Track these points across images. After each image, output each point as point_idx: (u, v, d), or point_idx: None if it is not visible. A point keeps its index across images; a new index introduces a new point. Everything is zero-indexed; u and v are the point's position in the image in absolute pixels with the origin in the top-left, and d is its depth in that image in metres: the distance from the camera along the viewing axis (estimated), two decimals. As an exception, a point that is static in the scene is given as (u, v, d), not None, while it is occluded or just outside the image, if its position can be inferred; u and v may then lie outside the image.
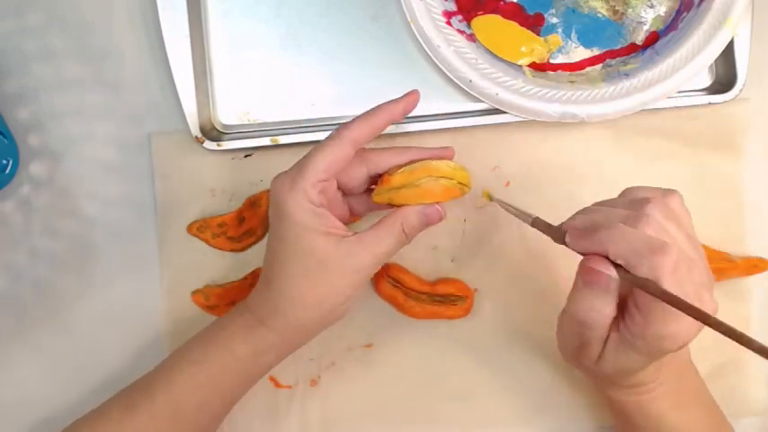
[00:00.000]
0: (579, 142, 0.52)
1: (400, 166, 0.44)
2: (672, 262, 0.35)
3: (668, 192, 0.39)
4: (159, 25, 0.50)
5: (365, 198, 0.47)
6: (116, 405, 0.45)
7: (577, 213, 0.41)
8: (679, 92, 0.50)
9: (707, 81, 0.52)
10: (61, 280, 0.53)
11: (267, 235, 0.44)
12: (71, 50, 0.52)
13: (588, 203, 0.52)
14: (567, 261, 0.52)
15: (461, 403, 0.52)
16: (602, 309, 0.37)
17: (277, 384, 0.53)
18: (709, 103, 0.51)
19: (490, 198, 0.47)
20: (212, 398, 0.44)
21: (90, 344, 0.53)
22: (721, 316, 0.52)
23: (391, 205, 0.44)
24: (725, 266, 0.50)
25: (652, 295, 0.35)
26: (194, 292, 0.52)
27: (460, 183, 0.44)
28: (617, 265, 0.36)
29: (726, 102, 0.50)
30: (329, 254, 0.41)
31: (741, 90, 0.50)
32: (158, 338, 0.53)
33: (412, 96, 0.45)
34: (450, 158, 0.45)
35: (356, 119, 0.43)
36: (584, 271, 0.38)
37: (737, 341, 0.32)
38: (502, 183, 0.52)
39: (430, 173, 0.43)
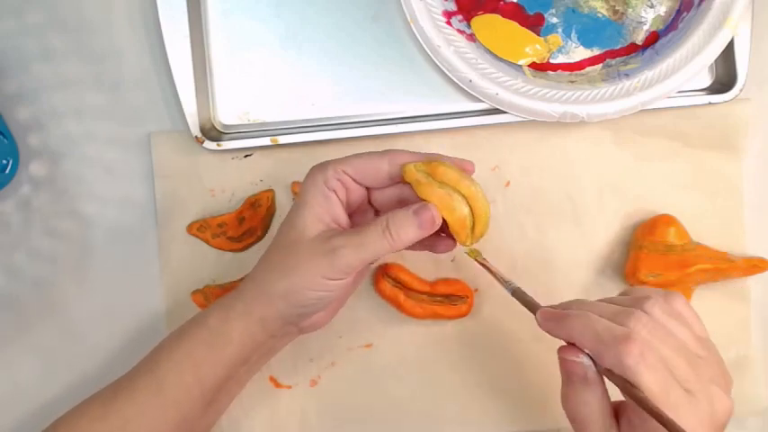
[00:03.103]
0: (579, 142, 0.52)
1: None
2: (638, 350, 0.34)
3: (669, 292, 0.39)
4: (159, 25, 0.50)
5: None
6: (107, 388, 0.45)
7: (573, 301, 0.40)
8: (679, 92, 0.50)
9: (707, 81, 0.52)
10: (61, 280, 0.53)
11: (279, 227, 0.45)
12: (71, 50, 0.52)
13: (588, 203, 0.52)
14: (566, 261, 0.52)
15: (461, 403, 0.52)
16: (589, 401, 0.36)
17: (277, 384, 0.53)
18: (710, 103, 0.51)
19: (475, 256, 0.45)
20: (187, 374, 0.43)
21: (90, 344, 0.53)
22: (721, 316, 0.52)
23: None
24: (725, 266, 0.50)
25: (627, 395, 0.34)
26: (194, 292, 0.52)
27: (473, 212, 0.42)
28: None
29: (726, 102, 0.50)
30: (308, 232, 0.41)
31: (741, 90, 0.50)
32: (158, 338, 0.52)
33: (468, 162, 0.44)
34: (471, 173, 0.43)
35: (408, 151, 0.43)
36: (559, 362, 0.38)
37: None
38: (502, 183, 0.52)
39: (453, 183, 0.42)
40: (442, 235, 0.43)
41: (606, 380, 0.37)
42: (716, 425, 0.35)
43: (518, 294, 0.42)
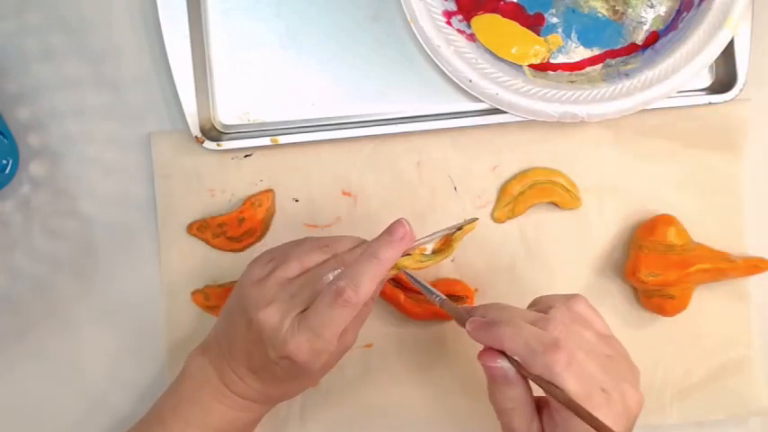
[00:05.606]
0: (579, 142, 0.52)
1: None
2: (565, 358, 0.36)
3: (571, 297, 0.41)
4: (159, 25, 0.50)
5: None
6: None
7: (491, 305, 0.41)
8: (679, 92, 0.50)
9: (707, 81, 0.52)
10: (61, 280, 0.53)
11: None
12: (71, 50, 0.52)
13: (588, 203, 0.52)
14: (566, 261, 0.53)
15: (461, 403, 0.52)
16: (513, 397, 0.38)
17: (277, 384, 0.53)
18: (710, 103, 0.51)
19: (398, 269, 0.44)
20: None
21: (90, 344, 0.53)
22: (721, 316, 0.52)
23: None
24: (725, 266, 0.50)
25: (550, 396, 0.36)
26: (194, 292, 0.52)
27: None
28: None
29: (726, 102, 0.50)
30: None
31: (741, 90, 0.50)
32: (158, 338, 0.53)
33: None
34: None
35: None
36: (482, 367, 0.39)
37: None
38: (501, 183, 0.52)
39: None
40: None
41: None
42: (629, 419, 0.37)
43: (446, 305, 0.43)
